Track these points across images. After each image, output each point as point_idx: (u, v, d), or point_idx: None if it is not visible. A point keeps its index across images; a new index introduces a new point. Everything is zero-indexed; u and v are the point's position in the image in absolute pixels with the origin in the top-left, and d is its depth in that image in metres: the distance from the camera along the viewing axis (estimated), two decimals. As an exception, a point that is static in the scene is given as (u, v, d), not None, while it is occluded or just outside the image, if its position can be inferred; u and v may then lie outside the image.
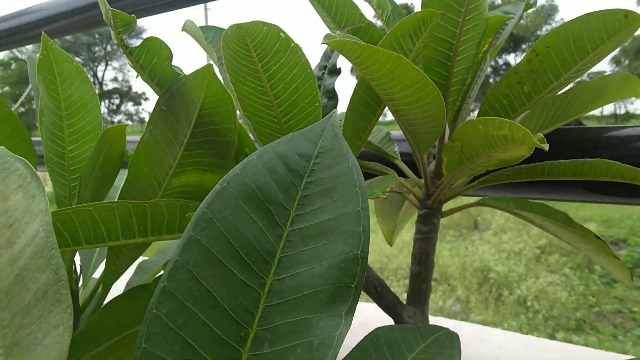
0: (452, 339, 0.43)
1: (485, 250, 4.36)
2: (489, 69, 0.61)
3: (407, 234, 4.79)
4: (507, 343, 0.71)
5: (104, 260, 0.69)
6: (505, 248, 4.39)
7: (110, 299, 0.53)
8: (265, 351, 0.31)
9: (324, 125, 0.35)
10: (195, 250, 0.32)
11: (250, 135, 0.53)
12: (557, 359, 0.68)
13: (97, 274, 0.86)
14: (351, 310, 0.30)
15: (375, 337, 0.43)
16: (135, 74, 0.50)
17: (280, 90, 0.42)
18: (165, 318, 0.31)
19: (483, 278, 3.88)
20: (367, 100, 0.46)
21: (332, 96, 0.50)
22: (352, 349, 0.43)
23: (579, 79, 0.50)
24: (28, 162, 0.41)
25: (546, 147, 0.37)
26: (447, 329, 0.45)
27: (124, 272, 0.55)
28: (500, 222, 4.91)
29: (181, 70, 0.48)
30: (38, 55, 0.66)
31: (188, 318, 0.31)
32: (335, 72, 0.52)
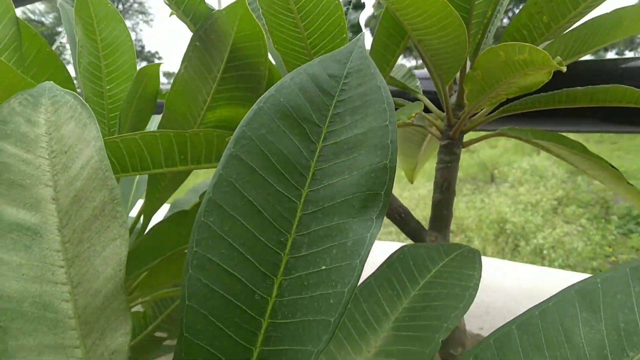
0: (474, 254, 0.47)
1: (502, 203, 4.37)
2: (506, 20, 0.62)
3: (424, 188, 4.81)
4: (524, 273, 0.75)
5: (140, 199, 0.73)
6: (522, 200, 4.40)
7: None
8: (303, 253, 0.34)
9: (352, 47, 0.37)
10: (236, 164, 0.35)
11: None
12: (567, 284, 0.71)
13: (133, 213, 0.90)
14: (381, 215, 0.33)
15: (402, 253, 0.46)
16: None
17: (310, 21, 0.44)
18: (212, 225, 0.34)
19: (499, 229, 3.91)
20: (391, 32, 0.48)
21: (357, 30, 0.52)
22: (380, 264, 0.46)
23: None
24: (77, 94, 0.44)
25: (564, 68, 0.39)
26: (468, 246, 0.48)
27: (163, 203, 0.59)
28: (517, 174, 4.90)
29: (213, 7, 0.50)
30: (65, 3, 0.69)
31: (232, 225, 0.34)
32: (360, 6, 0.54)
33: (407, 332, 0.42)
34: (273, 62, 0.54)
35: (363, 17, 0.59)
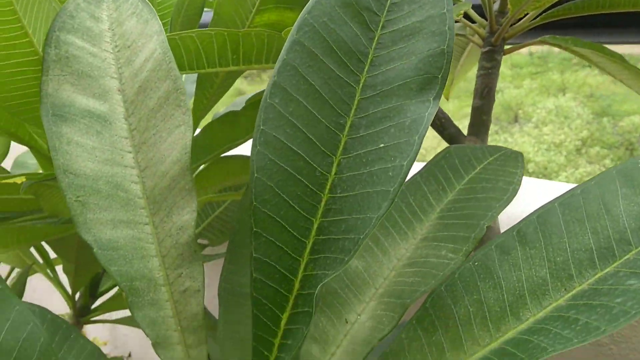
0: (517, 155, 0.48)
1: (525, 142, 4.34)
2: None
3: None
4: (559, 189, 0.77)
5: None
6: (545, 140, 4.36)
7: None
8: (361, 134, 0.36)
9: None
10: (299, 50, 0.37)
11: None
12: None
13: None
14: (437, 97, 0.35)
15: (447, 152, 0.48)
16: None
17: None
18: (277, 106, 0.36)
19: (521, 169, 3.90)
20: None
21: None
22: (426, 163, 0.49)
23: None
24: (137, -9, 0.46)
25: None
26: (511, 148, 0.50)
27: (210, 110, 0.61)
28: (542, 115, 4.83)
29: None
30: None
31: (296, 107, 0.37)
32: None
33: (452, 221, 0.44)
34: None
35: None
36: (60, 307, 0.78)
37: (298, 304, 0.36)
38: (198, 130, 0.60)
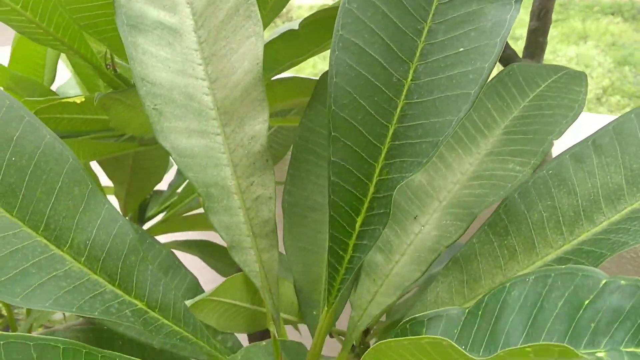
0: (580, 74, 0.48)
1: (545, 91, 4.27)
2: None
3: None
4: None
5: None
6: (567, 88, 4.29)
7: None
8: (439, 39, 0.36)
9: None
10: (377, -45, 0.37)
11: None
12: None
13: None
14: (519, 0, 0.35)
15: (511, 70, 0.48)
16: None
17: None
18: (355, 11, 0.37)
19: (541, 118, 3.85)
20: None
21: None
22: (489, 80, 0.48)
23: None
24: None
25: None
26: (573, 69, 0.50)
27: (264, 28, 0.61)
28: (562, 63, 4.73)
29: None
30: None
31: (373, 12, 0.37)
32: None
33: (518, 136, 0.45)
34: None
35: None
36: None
37: (373, 206, 0.37)
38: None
